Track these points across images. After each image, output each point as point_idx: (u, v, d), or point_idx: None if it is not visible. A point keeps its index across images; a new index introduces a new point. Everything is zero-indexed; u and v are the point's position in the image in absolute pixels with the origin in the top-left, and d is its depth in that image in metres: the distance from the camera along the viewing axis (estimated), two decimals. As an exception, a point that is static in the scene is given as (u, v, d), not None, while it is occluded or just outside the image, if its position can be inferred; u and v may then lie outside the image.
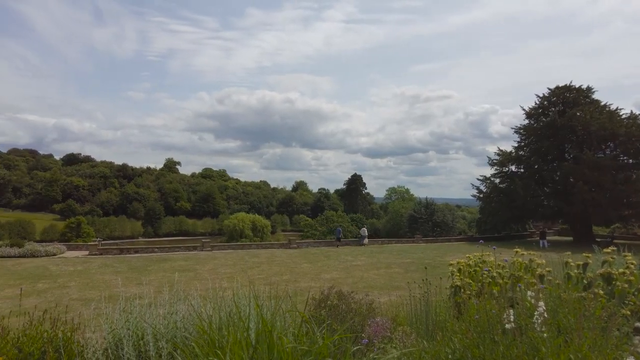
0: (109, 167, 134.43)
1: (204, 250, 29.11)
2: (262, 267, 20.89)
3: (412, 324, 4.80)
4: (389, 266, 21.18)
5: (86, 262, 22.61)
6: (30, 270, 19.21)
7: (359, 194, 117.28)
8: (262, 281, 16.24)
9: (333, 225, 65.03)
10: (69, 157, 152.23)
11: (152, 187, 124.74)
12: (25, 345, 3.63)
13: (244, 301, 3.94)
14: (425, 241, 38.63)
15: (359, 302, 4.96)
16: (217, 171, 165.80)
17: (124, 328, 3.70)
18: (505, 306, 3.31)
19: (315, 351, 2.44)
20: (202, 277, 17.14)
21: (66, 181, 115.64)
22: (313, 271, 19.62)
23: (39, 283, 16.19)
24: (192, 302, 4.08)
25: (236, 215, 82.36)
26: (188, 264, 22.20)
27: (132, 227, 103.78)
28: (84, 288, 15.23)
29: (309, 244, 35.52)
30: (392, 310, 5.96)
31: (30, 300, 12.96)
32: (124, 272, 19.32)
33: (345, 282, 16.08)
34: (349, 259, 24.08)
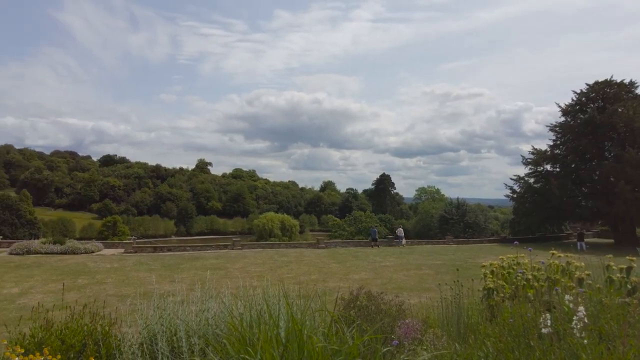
0: (143, 168, 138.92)
1: (234, 249, 29.59)
2: (291, 267, 21.03)
3: (443, 326, 4.71)
4: (418, 267, 20.88)
5: (122, 259, 23.41)
6: (71, 267, 20.07)
7: (388, 194, 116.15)
8: (291, 280, 16.35)
9: (362, 226, 64.72)
10: (105, 159, 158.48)
11: (184, 187, 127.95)
12: (67, 337, 3.81)
13: (274, 300, 3.98)
14: (456, 242, 37.82)
15: (388, 303, 4.91)
16: (247, 171, 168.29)
17: (158, 324, 3.81)
18: (541, 310, 3.19)
19: (345, 351, 2.43)
20: (232, 276, 17.44)
21: (103, 181, 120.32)
22: (341, 271, 19.59)
23: (79, 279, 16.89)
24: (224, 299, 4.15)
25: (265, 215, 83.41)
26: (219, 262, 22.62)
27: (165, 226, 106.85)
28: (120, 284, 15.77)
29: (337, 244, 35.45)
30: (422, 312, 5.87)
31: (71, 295, 13.54)
32: (157, 269, 19.89)
33: (374, 283, 15.97)
34: (377, 260, 23.89)
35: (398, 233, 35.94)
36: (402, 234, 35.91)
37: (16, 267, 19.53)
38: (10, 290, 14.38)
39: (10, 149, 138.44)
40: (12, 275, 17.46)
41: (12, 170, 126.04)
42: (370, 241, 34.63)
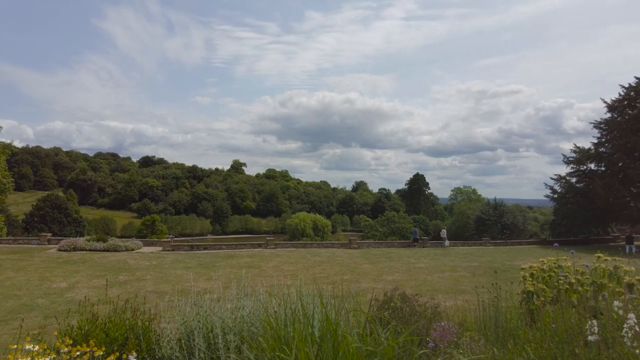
0: (180, 169, 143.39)
1: (267, 248, 29.97)
2: (323, 266, 21.07)
3: (480, 330, 4.58)
4: (454, 269, 20.41)
5: (160, 257, 24.21)
6: (113, 264, 20.95)
7: (422, 195, 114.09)
8: (324, 280, 16.37)
9: (395, 227, 64.02)
10: (144, 160, 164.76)
11: (219, 187, 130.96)
12: (111, 330, 3.99)
13: (308, 299, 4.00)
14: (493, 244, 36.69)
15: (423, 305, 4.83)
16: (280, 172, 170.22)
17: (195, 320, 3.92)
18: (586, 316, 3.04)
19: (380, 352, 2.40)
20: (266, 274, 17.67)
21: (142, 182, 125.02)
22: (374, 272, 19.44)
23: (120, 275, 17.60)
24: (259, 297, 4.22)
25: (298, 215, 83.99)
26: (253, 260, 22.98)
27: (201, 225, 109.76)
28: (159, 281, 16.31)
29: (369, 244, 35.22)
30: (458, 315, 5.74)
31: (113, 290, 14.13)
32: (194, 267, 20.43)
33: (407, 285, 15.74)
34: (411, 261, 23.55)
35: (442, 234, 35.40)
36: (445, 235, 35.32)
37: (64, 263, 20.59)
38: (59, 285, 15.17)
39: (58, 152, 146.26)
40: (60, 270, 18.42)
41: (60, 171, 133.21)
42: (412, 241, 34.23)
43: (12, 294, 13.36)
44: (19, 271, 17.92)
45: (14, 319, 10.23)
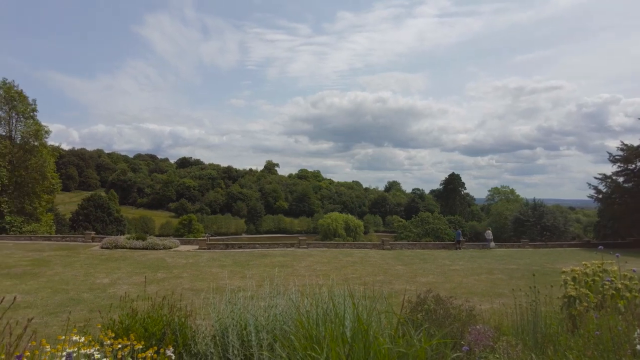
0: (216, 169, 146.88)
1: (300, 247, 30.17)
2: (355, 267, 20.99)
3: (517, 335, 4.42)
4: (490, 272, 19.83)
5: (196, 255, 24.86)
6: (151, 261, 21.70)
7: (457, 195, 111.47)
8: (356, 281, 16.31)
9: (429, 227, 62.90)
10: (181, 161, 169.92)
11: (253, 187, 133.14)
12: (149, 325, 4.15)
13: (339, 299, 4.00)
14: (532, 246, 35.34)
15: (458, 307, 4.72)
16: (312, 172, 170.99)
17: (229, 318, 4.01)
18: (635, 324, 2.88)
19: (412, 354, 2.37)
20: (299, 274, 17.79)
21: (179, 182, 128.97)
22: (408, 274, 19.17)
23: (158, 273, 18.22)
24: (291, 296, 4.26)
25: (330, 215, 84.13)
26: (286, 260, 23.20)
27: (236, 224, 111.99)
28: (195, 279, 16.75)
29: (403, 245, 34.75)
30: (494, 319, 5.56)
31: (151, 287, 14.64)
32: (229, 265, 20.85)
33: (442, 287, 15.44)
34: (446, 263, 23.07)
35: (487, 236, 34.36)
36: (490, 236, 34.24)
37: (106, 260, 21.54)
38: (102, 281, 15.89)
39: (101, 153, 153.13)
40: (103, 267, 19.28)
41: (102, 172, 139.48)
42: (455, 243, 33.38)
43: (60, 288, 14.11)
44: (66, 267, 18.89)
45: (62, 311, 10.80)
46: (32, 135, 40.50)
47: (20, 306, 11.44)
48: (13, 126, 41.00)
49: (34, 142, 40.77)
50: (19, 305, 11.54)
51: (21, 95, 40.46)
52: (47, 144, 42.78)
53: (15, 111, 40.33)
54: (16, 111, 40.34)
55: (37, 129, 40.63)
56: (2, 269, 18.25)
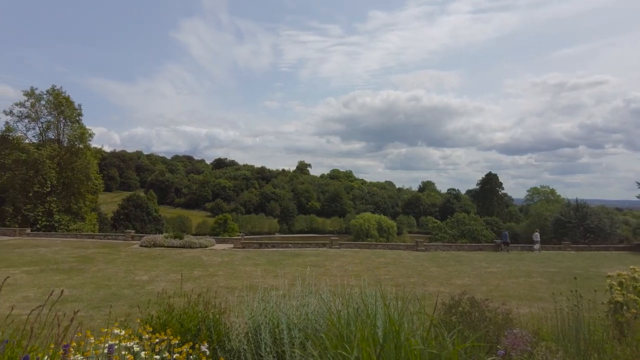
0: (249, 170, 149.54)
1: (332, 247, 30.20)
2: (388, 268, 20.78)
3: (558, 341, 4.24)
4: (529, 275, 19.12)
5: (231, 254, 25.38)
6: (188, 260, 22.34)
7: (495, 195, 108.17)
8: (388, 282, 16.15)
9: (465, 228, 61.41)
10: (217, 162, 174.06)
11: (286, 187, 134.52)
12: (185, 321, 4.28)
13: (371, 300, 3.98)
14: (574, 249, 33.76)
15: (494, 310, 4.58)
16: (344, 172, 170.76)
17: (262, 316, 4.07)
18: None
19: (444, 356, 2.32)
20: (331, 274, 17.82)
21: (215, 183, 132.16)
22: (442, 275, 18.80)
23: (194, 271, 18.73)
24: (322, 296, 4.28)
25: (362, 215, 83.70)
26: (318, 259, 23.28)
27: (269, 223, 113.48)
28: (229, 277, 17.11)
29: (437, 247, 34.06)
30: (533, 323, 5.35)
31: (188, 284, 15.07)
32: (262, 264, 21.16)
33: (478, 290, 15.04)
34: (483, 265, 22.45)
35: (534, 237, 32.58)
36: (538, 238, 32.50)
37: (145, 258, 22.36)
38: (141, 277, 16.51)
39: (140, 155, 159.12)
40: (142, 264, 20.03)
41: (141, 173, 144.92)
42: (500, 245, 32.04)
43: (103, 284, 14.78)
44: (108, 264, 19.76)
45: (105, 306, 11.31)
46: (77, 138, 42.66)
47: (67, 300, 12.08)
48: (61, 130, 43.37)
49: (79, 145, 42.93)
50: (67, 299, 12.18)
51: (68, 101, 42.69)
52: (90, 146, 45.01)
53: (63, 116, 42.61)
54: (64, 116, 42.61)
55: (82, 132, 42.75)
56: (52, 264, 19.32)
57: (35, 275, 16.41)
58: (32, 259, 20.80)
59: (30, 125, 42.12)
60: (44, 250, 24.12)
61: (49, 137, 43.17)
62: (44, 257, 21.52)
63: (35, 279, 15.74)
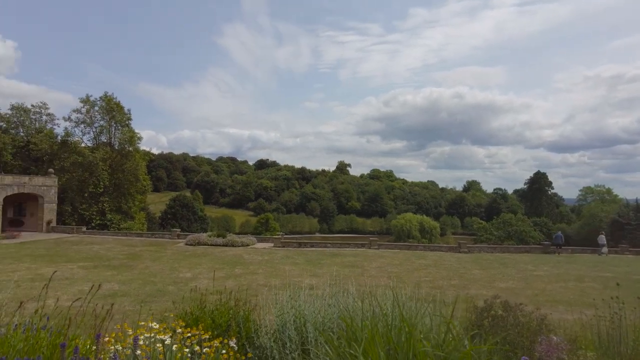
0: (290, 171, 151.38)
1: (371, 248, 30.00)
2: (429, 270, 20.37)
3: (596, 349, 4.00)
4: (580, 279, 18.10)
5: (271, 253, 25.82)
6: (230, 258, 22.96)
7: (544, 195, 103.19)
8: (428, 284, 15.83)
9: (512, 230, 59.01)
10: (259, 163, 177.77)
11: (326, 187, 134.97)
12: (217, 317, 4.44)
13: (407, 302, 3.94)
14: (634, 252, 31.50)
15: (528, 315, 4.40)
16: (384, 172, 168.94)
17: (289, 314, 4.14)
18: None
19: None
20: (369, 274, 17.71)
21: (257, 183, 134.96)
22: (485, 278, 18.18)
23: (236, 269, 19.21)
24: (351, 296, 4.29)
25: (403, 216, 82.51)
26: (357, 260, 23.20)
27: (309, 223, 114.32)
28: (269, 276, 17.41)
29: (481, 248, 32.97)
30: (574, 330, 5.07)
31: (229, 282, 15.49)
32: (301, 263, 21.38)
33: (522, 294, 14.43)
34: (529, 268, 21.50)
35: (600, 240, 30.30)
36: (603, 241, 30.16)
37: (190, 256, 23.21)
38: (185, 275, 17.16)
39: (186, 157, 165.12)
40: (186, 262, 20.81)
41: (188, 174, 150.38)
42: (554, 247, 30.36)
43: (149, 280, 15.51)
44: (155, 261, 20.70)
45: (150, 301, 11.87)
46: (127, 142, 45.04)
47: (117, 294, 12.79)
48: (112, 134, 45.95)
49: (129, 148, 45.30)
50: (117, 294, 12.91)
51: (119, 106, 45.17)
52: (139, 149, 47.43)
53: (114, 120, 45.14)
54: (115, 120, 45.12)
55: (131, 136, 45.10)
56: (104, 260, 20.51)
57: (89, 271, 17.49)
58: (87, 255, 22.18)
59: (85, 130, 45.07)
60: (97, 248, 25.64)
61: (102, 140, 45.88)
62: (97, 254, 22.87)
63: (89, 273, 16.78)
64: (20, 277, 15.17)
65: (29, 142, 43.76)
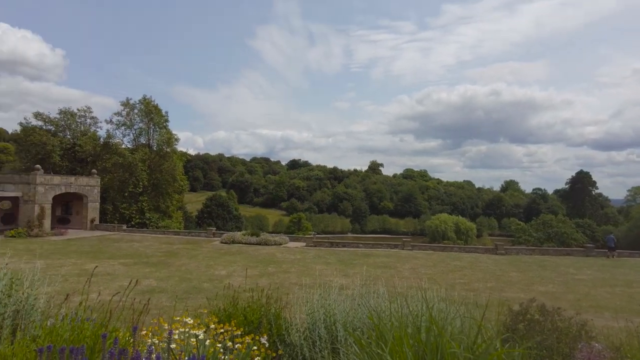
0: (322, 171, 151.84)
1: (404, 249, 29.62)
2: (464, 272, 19.90)
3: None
4: (629, 284, 17.17)
5: (303, 252, 25.99)
6: (263, 256, 23.29)
7: (587, 195, 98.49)
8: (462, 286, 15.48)
9: (552, 231, 56.67)
10: (292, 163, 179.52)
11: (358, 187, 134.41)
12: (249, 314, 4.53)
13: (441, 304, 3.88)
14: (688, 257, 29.48)
15: (567, 320, 4.22)
16: (418, 171, 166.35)
17: (319, 313, 4.17)
18: None
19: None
20: (402, 275, 17.50)
21: (290, 183, 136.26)
22: (523, 281, 17.57)
23: (269, 267, 19.48)
24: (372, 298, 4.26)
25: (438, 216, 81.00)
26: (389, 261, 22.99)
27: (341, 223, 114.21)
28: (301, 274, 17.54)
29: (519, 250, 31.82)
30: (620, 338, 4.81)
31: (262, 280, 15.73)
32: (333, 263, 21.40)
33: (563, 298, 13.85)
34: (570, 272, 20.60)
35: None
36: None
37: (225, 254, 23.73)
38: (220, 272, 17.58)
39: (222, 157, 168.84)
40: (221, 260, 21.30)
41: (223, 174, 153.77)
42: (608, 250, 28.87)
43: (186, 277, 15.99)
44: (191, 259, 21.31)
45: (186, 297, 12.26)
46: (165, 143, 46.60)
47: (154, 290, 13.27)
48: (151, 135, 47.68)
49: (167, 149, 46.85)
50: (154, 290, 13.40)
51: (157, 109, 46.81)
52: (177, 150, 48.99)
53: (152, 122, 46.83)
54: (153, 122, 46.81)
55: (169, 137, 46.64)
56: (143, 257, 21.31)
57: (129, 267, 18.23)
58: (127, 252, 23.11)
59: (125, 132, 46.99)
60: (137, 245, 26.67)
61: (141, 142, 47.67)
62: (137, 251, 23.80)
63: (129, 270, 17.48)
64: (67, 272, 16.00)
65: (74, 144, 46.09)
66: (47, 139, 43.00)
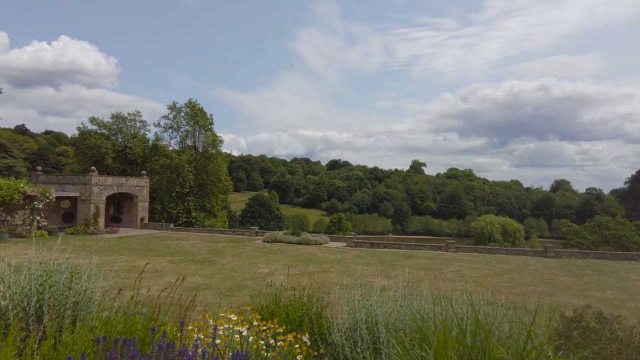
0: (362, 171, 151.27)
1: (448, 250, 28.85)
2: (511, 275, 19.10)
3: None
4: (697, 292, 15.80)
5: (344, 252, 25.94)
6: (304, 256, 23.48)
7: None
8: (510, 290, 14.86)
9: (609, 234, 53.26)
10: (332, 163, 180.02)
11: (399, 187, 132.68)
12: (290, 312, 4.58)
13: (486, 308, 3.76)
14: None
15: (628, 329, 3.94)
16: (463, 171, 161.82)
17: (360, 313, 4.15)
18: None
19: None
20: (445, 278, 17.05)
21: (330, 183, 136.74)
22: (576, 286, 16.61)
23: (309, 266, 19.61)
24: (415, 300, 4.18)
25: (484, 217, 78.32)
26: (432, 262, 22.47)
27: (382, 223, 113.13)
28: (341, 274, 17.51)
29: (571, 253, 30.10)
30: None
31: (303, 279, 15.85)
32: (373, 264, 21.21)
33: (622, 305, 12.97)
34: (631, 277, 19.24)
35: None
36: None
37: (267, 252, 24.15)
38: (262, 270, 17.90)
39: (264, 158, 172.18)
40: (264, 258, 21.69)
41: (265, 175, 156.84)
42: None
43: (230, 275, 16.41)
44: (235, 257, 21.85)
45: (230, 295, 12.58)
46: (210, 145, 48.16)
47: (200, 287, 13.73)
48: (196, 138, 49.42)
49: (211, 150, 48.39)
50: (200, 287, 13.85)
51: (202, 112, 48.46)
52: (221, 151, 50.46)
53: (197, 125, 48.53)
54: (198, 125, 48.50)
55: (213, 139, 48.16)
56: (189, 255, 22.10)
57: (176, 264, 18.96)
58: (174, 250, 24.05)
59: (172, 135, 49.03)
60: (183, 243, 27.70)
61: (187, 144, 49.52)
62: (183, 249, 24.71)
63: (176, 267, 18.18)
64: (119, 268, 16.88)
65: (125, 146, 48.63)
66: (101, 142, 45.67)
